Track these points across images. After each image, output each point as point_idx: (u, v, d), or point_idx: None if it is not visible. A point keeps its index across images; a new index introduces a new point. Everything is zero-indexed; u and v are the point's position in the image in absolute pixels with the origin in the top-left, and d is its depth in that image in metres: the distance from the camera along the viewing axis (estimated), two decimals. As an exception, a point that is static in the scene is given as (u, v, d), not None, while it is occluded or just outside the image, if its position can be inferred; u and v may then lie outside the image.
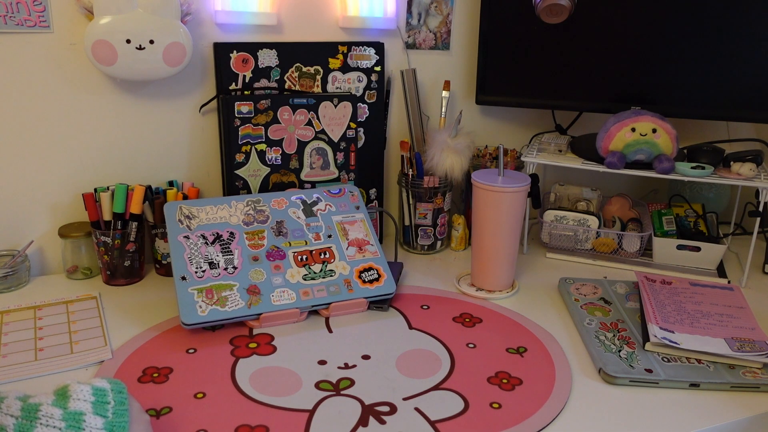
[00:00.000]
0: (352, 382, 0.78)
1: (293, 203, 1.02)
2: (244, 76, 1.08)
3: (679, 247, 1.13)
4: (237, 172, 1.07)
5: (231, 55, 1.06)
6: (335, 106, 1.10)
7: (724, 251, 1.12)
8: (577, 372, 0.82)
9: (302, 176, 1.11)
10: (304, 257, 0.96)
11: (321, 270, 0.96)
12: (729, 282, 1.09)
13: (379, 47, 1.16)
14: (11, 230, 1.04)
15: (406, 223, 1.21)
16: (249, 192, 1.08)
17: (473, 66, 1.26)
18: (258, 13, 1.07)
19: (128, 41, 0.95)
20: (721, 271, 1.13)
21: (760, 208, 1.05)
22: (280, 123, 1.07)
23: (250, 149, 1.06)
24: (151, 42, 0.96)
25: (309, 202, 1.03)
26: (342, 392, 0.76)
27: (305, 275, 0.94)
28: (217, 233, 0.95)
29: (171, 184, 1.09)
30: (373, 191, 1.23)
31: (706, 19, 1.09)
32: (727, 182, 1.05)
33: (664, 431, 0.71)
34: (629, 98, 1.17)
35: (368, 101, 1.17)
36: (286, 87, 1.11)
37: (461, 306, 0.99)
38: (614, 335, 0.89)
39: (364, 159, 1.19)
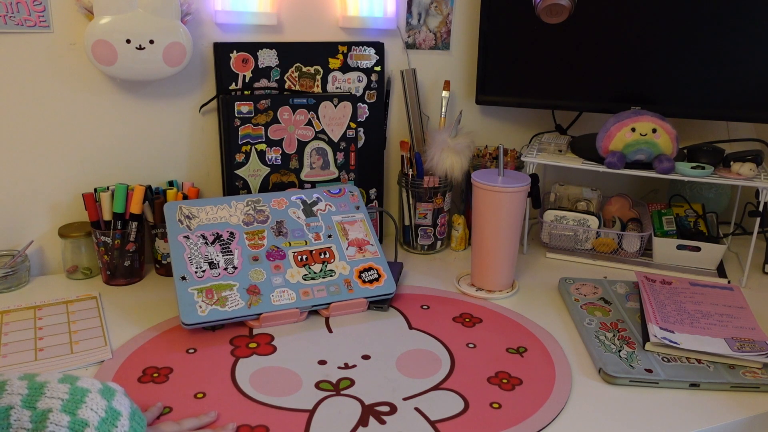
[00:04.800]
0: (352, 382, 0.78)
1: (293, 203, 1.02)
2: (244, 76, 1.08)
3: (679, 247, 1.13)
4: (237, 172, 1.07)
5: (231, 55, 1.06)
6: (335, 106, 1.10)
7: (724, 251, 1.12)
8: (577, 372, 0.82)
9: (302, 176, 1.11)
10: (304, 257, 0.96)
11: (321, 270, 0.96)
12: (729, 282, 1.09)
13: (379, 47, 1.16)
14: (11, 230, 1.04)
15: (406, 223, 1.21)
16: (249, 192, 1.08)
17: (473, 66, 1.26)
18: (258, 13, 1.07)
19: (128, 41, 0.95)
20: (721, 271, 1.13)
21: (760, 208, 1.05)
22: (280, 123, 1.07)
23: (250, 149, 1.06)
24: (151, 42, 0.96)
25: (309, 202, 1.03)
26: (342, 392, 0.76)
27: (305, 275, 0.94)
28: (217, 233, 0.95)
29: (171, 184, 1.09)
30: (373, 191, 1.23)
31: (706, 19, 1.09)
32: (727, 182, 1.05)
33: (664, 431, 0.71)
34: (629, 98, 1.17)
35: (368, 101, 1.17)
36: (286, 87, 1.11)
37: (461, 306, 0.99)
38: (614, 335, 0.89)
39: (364, 159, 1.19)
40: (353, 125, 1.13)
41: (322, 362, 0.82)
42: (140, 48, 0.96)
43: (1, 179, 1.01)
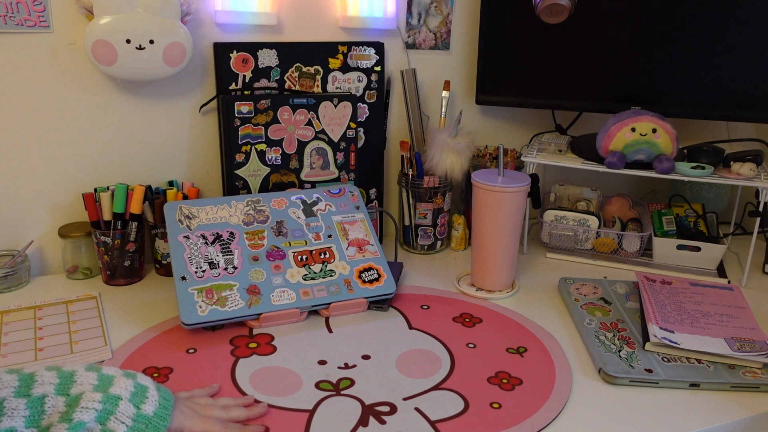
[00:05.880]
0: (352, 382, 0.78)
1: (293, 203, 1.02)
2: (244, 76, 1.08)
3: (679, 247, 1.13)
4: (237, 172, 1.07)
5: (231, 55, 1.06)
6: (335, 106, 1.10)
7: (724, 251, 1.12)
8: (577, 372, 0.82)
9: (302, 176, 1.11)
10: (304, 257, 0.96)
11: (321, 270, 0.96)
12: (729, 282, 1.09)
13: (379, 47, 1.16)
14: (11, 230, 1.04)
15: (406, 223, 1.21)
16: (249, 192, 1.08)
17: (473, 66, 1.26)
18: (258, 13, 1.07)
19: (128, 41, 0.95)
20: (721, 271, 1.13)
21: (760, 208, 1.05)
22: (280, 123, 1.07)
23: (250, 149, 1.06)
24: (151, 42, 0.96)
25: (309, 202, 1.03)
26: (342, 392, 0.76)
27: (305, 275, 0.94)
28: (217, 233, 0.95)
29: (171, 184, 1.09)
30: (373, 191, 1.23)
31: (706, 19, 1.09)
32: (727, 182, 1.05)
33: (664, 431, 0.71)
34: (629, 98, 1.17)
35: (368, 101, 1.17)
36: (286, 87, 1.11)
37: (461, 306, 0.99)
38: (614, 335, 0.89)
39: (364, 159, 1.19)
40: (353, 125, 1.13)
41: (322, 362, 0.82)
42: (140, 48, 0.96)
43: (1, 179, 1.01)
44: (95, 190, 1.02)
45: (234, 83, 1.08)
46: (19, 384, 0.60)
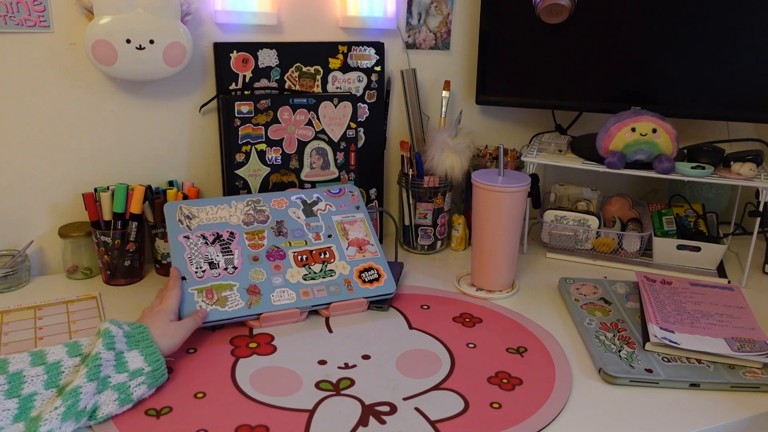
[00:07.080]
0: (352, 382, 0.78)
1: (293, 203, 1.02)
2: (244, 76, 1.08)
3: (679, 247, 1.13)
4: (237, 172, 1.07)
5: (231, 55, 1.06)
6: (335, 106, 1.10)
7: (724, 251, 1.12)
8: (577, 372, 0.82)
9: (302, 176, 1.11)
10: (304, 257, 0.96)
11: (321, 270, 0.96)
12: (729, 282, 1.09)
13: (379, 47, 1.16)
14: (11, 230, 1.04)
15: (406, 223, 1.21)
16: (249, 192, 1.08)
17: (473, 66, 1.26)
18: (258, 13, 1.07)
19: (128, 41, 0.95)
20: (721, 271, 1.13)
21: (760, 208, 1.05)
22: (280, 123, 1.07)
23: (250, 149, 1.06)
24: (151, 42, 0.96)
25: (309, 202, 1.03)
26: (342, 392, 0.76)
27: (305, 275, 0.94)
28: (217, 233, 0.95)
29: (171, 184, 1.09)
30: (373, 191, 1.23)
31: (706, 19, 1.09)
32: (727, 182, 1.05)
33: (664, 431, 0.71)
34: (629, 98, 1.17)
35: (368, 101, 1.17)
36: (286, 87, 1.11)
37: (461, 306, 0.98)
38: (614, 335, 0.89)
39: (364, 159, 1.19)
40: (353, 125, 1.13)
41: (322, 362, 0.82)
42: (140, 48, 0.96)
43: (1, 179, 1.01)
44: (95, 190, 1.02)
45: (234, 83, 1.08)
46: None
